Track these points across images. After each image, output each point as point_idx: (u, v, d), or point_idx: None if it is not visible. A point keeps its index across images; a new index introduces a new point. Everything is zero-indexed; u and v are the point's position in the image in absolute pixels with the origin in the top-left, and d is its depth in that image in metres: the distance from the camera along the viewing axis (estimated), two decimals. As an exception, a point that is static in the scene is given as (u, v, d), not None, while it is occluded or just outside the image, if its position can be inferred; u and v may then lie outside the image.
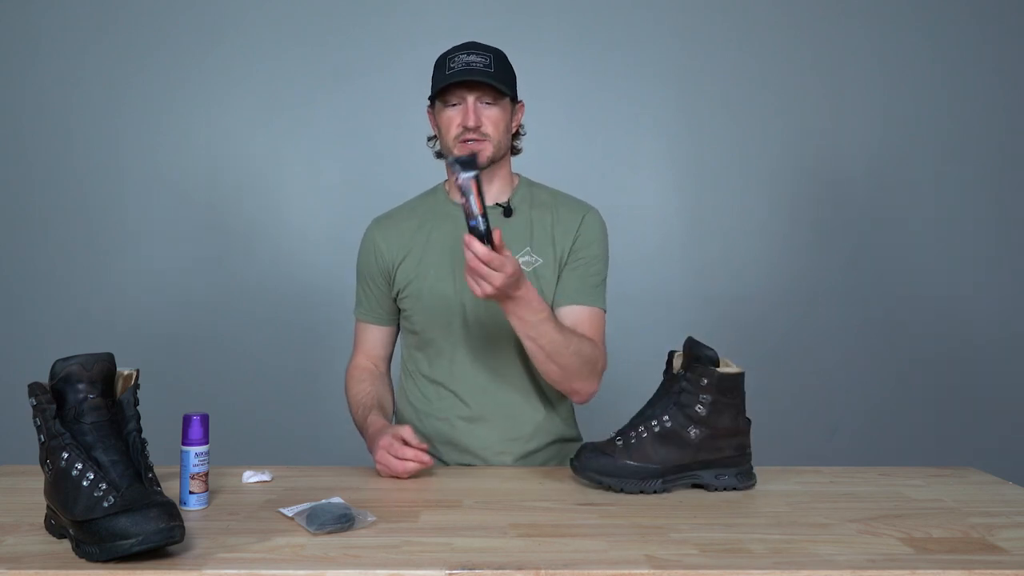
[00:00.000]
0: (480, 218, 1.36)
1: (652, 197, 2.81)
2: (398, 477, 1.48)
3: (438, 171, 1.80)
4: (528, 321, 1.49)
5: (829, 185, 2.83)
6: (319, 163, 2.77)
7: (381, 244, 1.71)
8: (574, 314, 1.64)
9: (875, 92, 2.82)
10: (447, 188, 1.75)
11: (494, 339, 1.66)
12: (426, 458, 1.47)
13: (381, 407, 1.68)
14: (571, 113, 2.78)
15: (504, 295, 1.43)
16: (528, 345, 1.54)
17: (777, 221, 2.82)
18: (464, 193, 1.35)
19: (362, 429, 1.66)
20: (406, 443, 1.47)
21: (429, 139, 1.74)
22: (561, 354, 1.54)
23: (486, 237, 1.36)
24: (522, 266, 1.64)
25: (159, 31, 2.73)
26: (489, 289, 1.39)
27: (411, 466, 1.46)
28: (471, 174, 1.34)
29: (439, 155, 1.73)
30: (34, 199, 2.74)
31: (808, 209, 2.82)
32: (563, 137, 2.77)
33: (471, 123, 1.57)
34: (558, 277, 1.66)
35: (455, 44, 1.65)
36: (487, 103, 1.59)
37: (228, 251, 2.76)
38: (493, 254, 1.36)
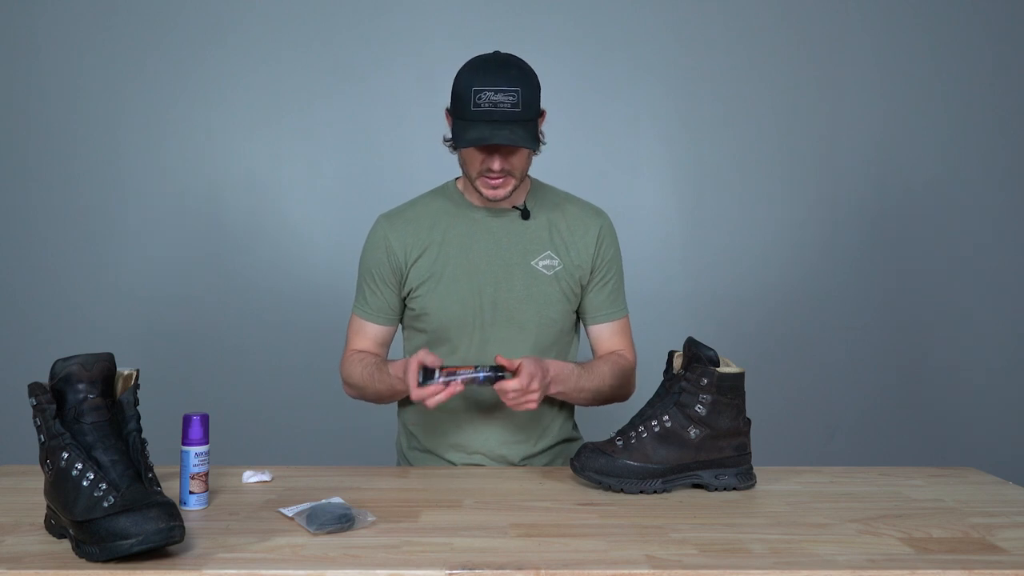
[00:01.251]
0: (491, 374, 1.47)
1: (652, 198, 2.81)
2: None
3: (440, 169, 1.80)
4: (568, 390, 1.62)
5: (829, 186, 2.83)
6: (320, 162, 2.77)
7: (394, 242, 1.67)
8: (608, 330, 1.74)
9: (875, 93, 2.82)
10: (460, 186, 1.72)
11: (505, 340, 1.65)
12: (445, 389, 1.44)
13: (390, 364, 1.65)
14: (571, 114, 2.78)
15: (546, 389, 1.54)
16: (574, 401, 1.70)
17: (777, 222, 2.82)
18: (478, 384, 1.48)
19: (385, 387, 1.63)
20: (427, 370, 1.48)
21: (446, 140, 1.66)
22: (601, 392, 1.67)
23: (497, 375, 1.48)
24: (543, 269, 1.66)
25: (159, 31, 2.73)
26: (536, 397, 1.49)
27: (438, 398, 1.45)
28: (481, 379, 1.47)
29: (455, 148, 1.68)
30: (34, 199, 2.74)
31: (808, 210, 2.82)
32: (563, 138, 2.75)
33: (496, 167, 1.55)
34: (581, 288, 1.70)
35: (457, 45, 1.62)
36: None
37: (228, 251, 2.76)
38: (521, 382, 1.45)
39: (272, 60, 2.75)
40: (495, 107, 1.50)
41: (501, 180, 1.58)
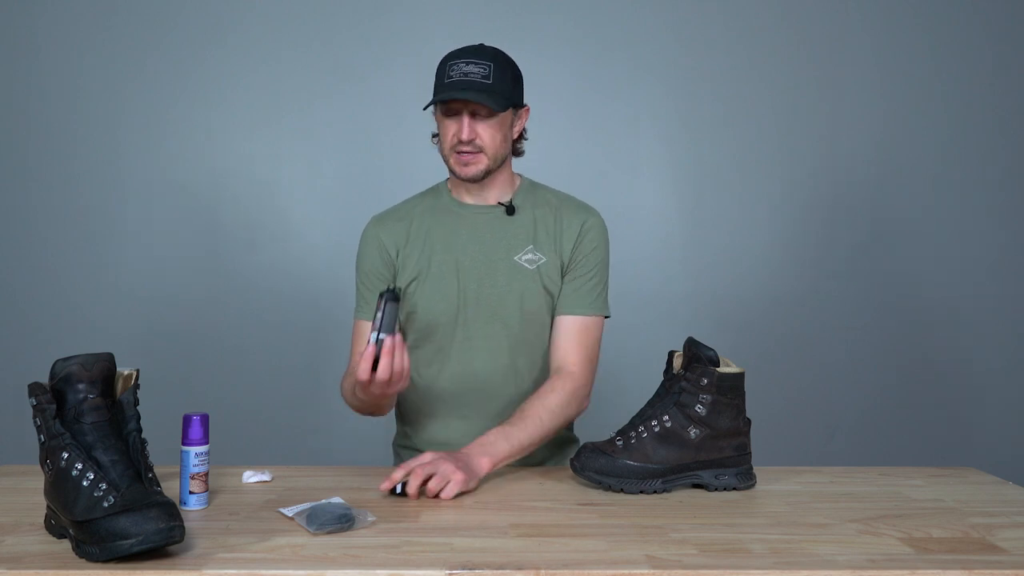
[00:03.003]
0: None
1: (652, 198, 2.81)
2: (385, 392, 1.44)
3: (440, 169, 1.80)
4: (510, 454, 1.49)
5: (829, 186, 2.83)
6: (319, 162, 2.77)
7: (385, 240, 1.70)
8: (566, 324, 1.66)
9: (875, 92, 2.82)
10: (449, 186, 1.75)
11: (489, 336, 1.66)
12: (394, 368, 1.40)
13: None
14: (571, 114, 2.78)
15: (472, 470, 1.41)
16: (523, 455, 1.55)
17: (777, 221, 2.82)
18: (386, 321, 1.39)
19: (354, 389, 1.57)
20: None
21: (433, 136, 1.73)
22: (547, 435, 1.57)
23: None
24: (525, 264, 1.66)
25: (159, 31, 2.73)
26: (459, 477, 1.37)
27: (365, 365, 1.39)
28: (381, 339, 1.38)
29: (435, 137, 1.72)
30: (35, 199, 2.74)
31: (808, 209, 2.82)
32: (563, 138, 2.76)
33: (464, 136, 1.58)
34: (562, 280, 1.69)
35: (457, 46, 1.64)
36: (483, 116, 1.59)
37: (228, 251, 2.76)
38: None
39: (272, 60, 2.75)
40: (465, 76, 1.55)
41: (471, 155, 1.60)
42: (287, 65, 2.75)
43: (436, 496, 1.35)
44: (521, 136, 1.71)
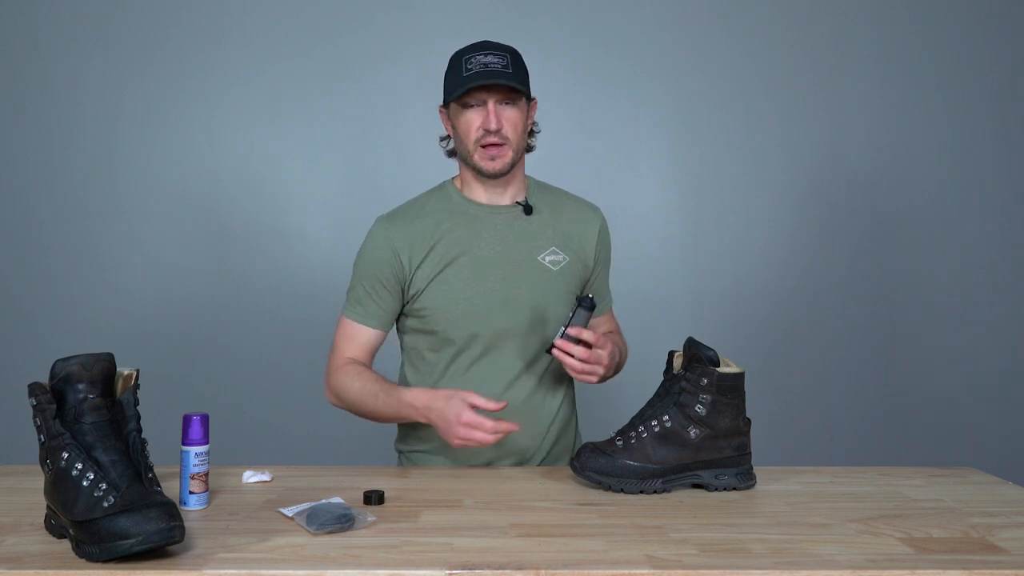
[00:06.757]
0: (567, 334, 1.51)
1: (653, 197, 2.81)
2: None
3: (440, 169, 1.79)
4: (611, 363, 1.61)
5: (830, 186, 2.83)
6: (319, 163, 2.77)
7: (398, 244, 1.64)
8: (603, 319, 1.82)
9: (876, 93, 2.82)
10: (458, 184, 1.71)
11: (514, 336, 1.65)
12: (507, 427, 1.46)
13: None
14: (572, 113, 2.78)
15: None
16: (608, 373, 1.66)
17: (778, 221, 2.82)
18: (576, 323, 1.51)
19: (391, 410, 1.59)
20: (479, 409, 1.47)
21: (442, 139, 1.71)
22: (620, 364, 1.71)
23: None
24: (549, 264, 1.66)
25: (159, 31, 2.73)
26: (600, 371, 1.54)
27: (496, 437, 1.47)
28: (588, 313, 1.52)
29: (451, 154, 1.70)
30: (34, 199, 2.74)
31: (809, 210, 2.83)
32: (564, 137, 2.76)
33: (492, 126, 1.56)
34: (584, 282, 1.74)
35: (458, 44, 1.63)
36: (506, 104, 1.58)
37: (228, 251, 2.76)
38: (591, 351, 1.51)
39: (272, 60, 2.75)
40: (486, 67, 1.55)
41: (498, 149, 1.59)
42: (287, 65, 2.75)
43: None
44: (532, 131, 1.70)
